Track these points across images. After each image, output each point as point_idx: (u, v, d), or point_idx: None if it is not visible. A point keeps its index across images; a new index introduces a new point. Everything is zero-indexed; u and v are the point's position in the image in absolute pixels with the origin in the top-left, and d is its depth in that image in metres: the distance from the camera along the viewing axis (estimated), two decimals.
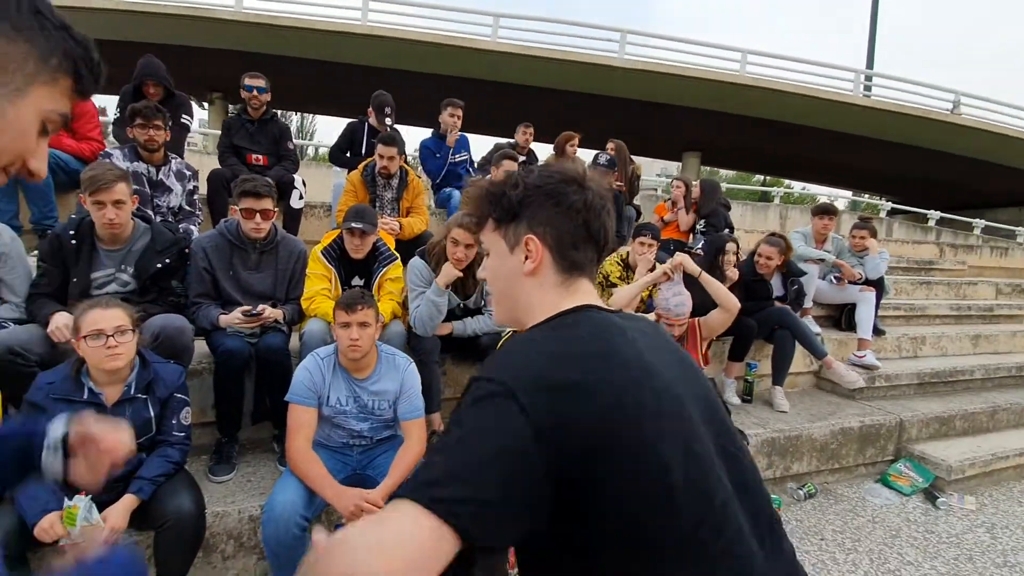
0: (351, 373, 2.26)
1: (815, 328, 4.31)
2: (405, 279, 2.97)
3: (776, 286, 3.99)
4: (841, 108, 15.51)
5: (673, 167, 27.56)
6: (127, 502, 1.83)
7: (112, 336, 1.85)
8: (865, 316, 4.37)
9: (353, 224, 2.74)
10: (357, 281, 2.93)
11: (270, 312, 2.56)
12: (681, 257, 3.21)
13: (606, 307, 0.83)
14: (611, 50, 15.11)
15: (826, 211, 4.74)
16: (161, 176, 3.27)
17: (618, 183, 5.16)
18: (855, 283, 4.52)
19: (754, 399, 3.81)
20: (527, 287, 0.83)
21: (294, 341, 2.73)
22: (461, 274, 2.76)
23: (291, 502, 1.94)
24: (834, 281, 4.59)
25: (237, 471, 2.45)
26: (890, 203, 15.96)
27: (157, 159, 3.25)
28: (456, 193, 4.37)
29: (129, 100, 3.72)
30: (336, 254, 2.88)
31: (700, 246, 4.84)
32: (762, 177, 31.10)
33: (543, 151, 6.26)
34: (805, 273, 4.21)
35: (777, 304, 3.90)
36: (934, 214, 14.92)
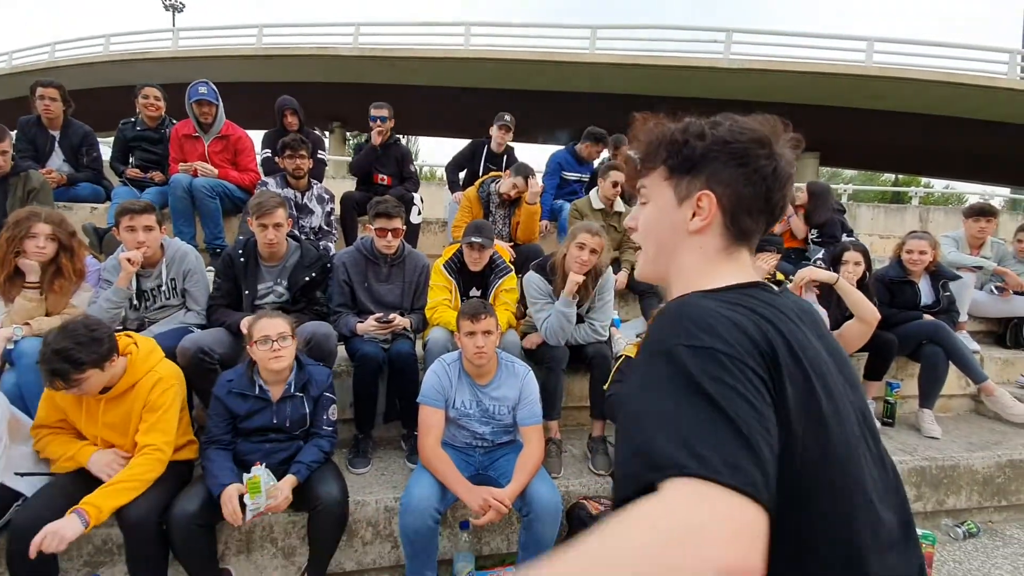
0: (474, 379, 2.40)
1: (973, 345, 3.80)
2: (519, 291, 3.09)
3: (924, 291, 3.57)
4: (993, 94, 13.55)
5: None
6: (290, 480, 2.11)
7: (276, 341, 2.14)
8: None
9: (473, 238, 2.91)
10: (475, 292, 3.09)
11: (399, 320, 2.79)
12: (808, 272, 3.00)
13: (776, 291, 0.76)
14: (716, 51, 14.53)
15: (982, 212, 4.17)
16: (305, 200, 3.70)
17: None
18: (1022, 293, 3.93)
19: (896, 422, 3.43)
20: (686, 246, 0.77)
21: (418, 348, 2.94)
22: (582, 279, 2.81)
23: (426, 496, 2.09)
24: (995, 291, 4.02)
25: (372, 465, 2.68)
26: None
27: (302, 185, 3.69)
28: (566, 206, 4.44)
29: (272, 140, 4.29)
30: (456, 267, 3.06)
31: (819, 256, 4.49)
32: (893, 176, 27.91)
33: None
34: (959, 277, 3.74)
35: (927, 316, 3.48)
36: None
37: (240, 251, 2.80)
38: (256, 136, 4.82)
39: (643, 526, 0.46)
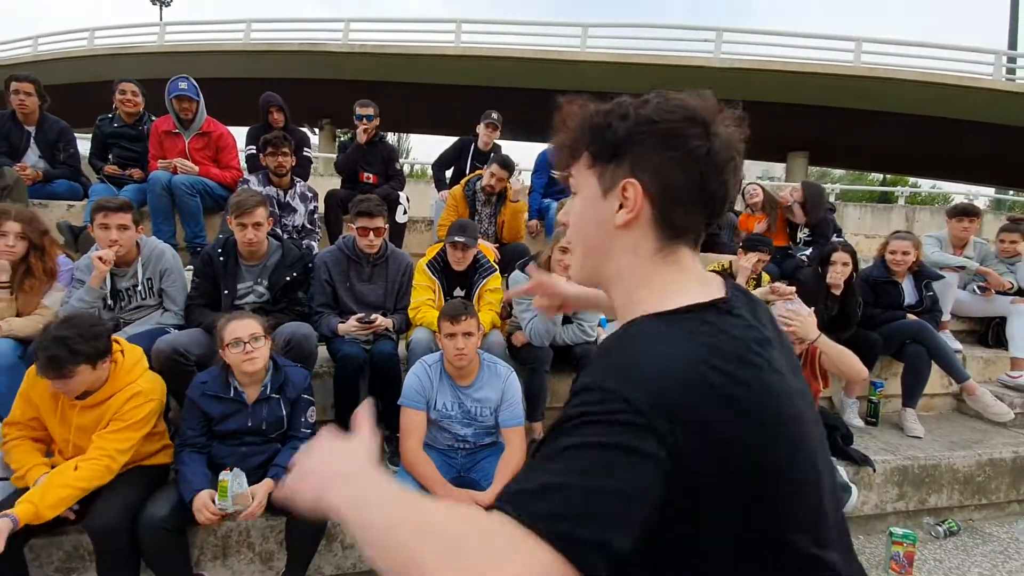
0: (456, 380, 2.37)
1: (955, 345, 3.83)
2: (504, 291, 3.06)
3: (908, 291, 3.59)
4: (978, 94, 13.70)
5: (778, 168, 25.81)
6: (266, 484, 2.07)
7: (248, 343, 2.10)
8: (1020, 331, 3.81)
9: (457, 238, 2.88)
10: (459, 292, 3.06)
11: (381, 320, 2.75)
12: (786, 320, 2.54)
13: (730, 303, 0.65)
14: (706, 51, 14.56)
15: (965, 212, 4.20)
16: (288, 198, 3.65)
17: None
18: (1005, 293, 3.96)
19: (880, 422, 3.45)
20: (617, 245, 0.69)
21: (401, 349, 2.91)
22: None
23: None
24: (978, 291, 4.05)
25: None
26: None
27: (285, 183, 3.64)
28: (555, 204, 4.42)
29: (255, 136, 4.23)
30: (440, 266, 3.03)
31: (808, 253, 4.50)
32: (881, 176, 28.18)
33: None
34: (942, 277, 3.76)
35: (910, 316, 3.50)
36: None
37: (219, 250, 2.75)
38: (242, 133, 4.77)
39: (461, 524, 0.51)
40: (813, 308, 2.69)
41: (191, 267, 2.95)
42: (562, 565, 0.48)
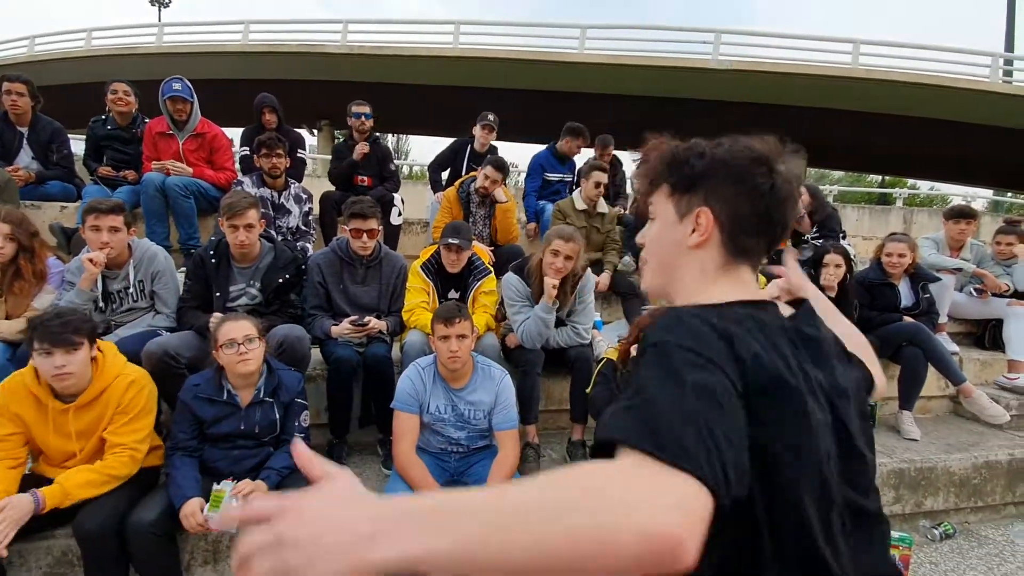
0: (449, 383, 2.35)
1: (951, 347, 3.82)
2: (499, 293, 3.05)
3: (904, 294, 3.59)
4: (976, 97, 13.71)
5: None
6: (259, 487, 2.05)
7: (242, 344, 2.08)
8: (1017, 333, 3.81)
9: (450, 240, 2.86)
10: (453, 294, 3.04)
11: (375, 323, 2.74)
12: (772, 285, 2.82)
13: (777, 307, 0.77)
14: (704, 52, 14.57)
15: (962, 214, 4.19)
16: (282, 200, 3.63)
17: None
18: (1001, 295, 3.95)
19: (877, 424, 3.44)
20: (687, 261, 0.80)
21: (395, 351, 2.90)
22: (557, 282, 2.77)
23: None
24: (974, 293, 4.05)
25: (346, 471, 2.62)
26: None
27: (279, 184, 3.62)
28: (549, 207, 4.40)
29: (249, 137, 4.22)
30: (434, 268, 3.02)
31: (805, 257, 4.48)
32: (879, 177, 28.22)
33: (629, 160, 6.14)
34: (939, 279, 3.76)
35: (907, 317, 3.49)
36: None
37: (211, 252, 2.73)
38: (237, 134, 4.74)
39: (583, 481, 0.48)
40: None
41: (184, 269, 2.94)
42: (685, 478, 0.49)
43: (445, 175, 4.91)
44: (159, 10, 26.73)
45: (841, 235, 4.76)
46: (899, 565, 2.51)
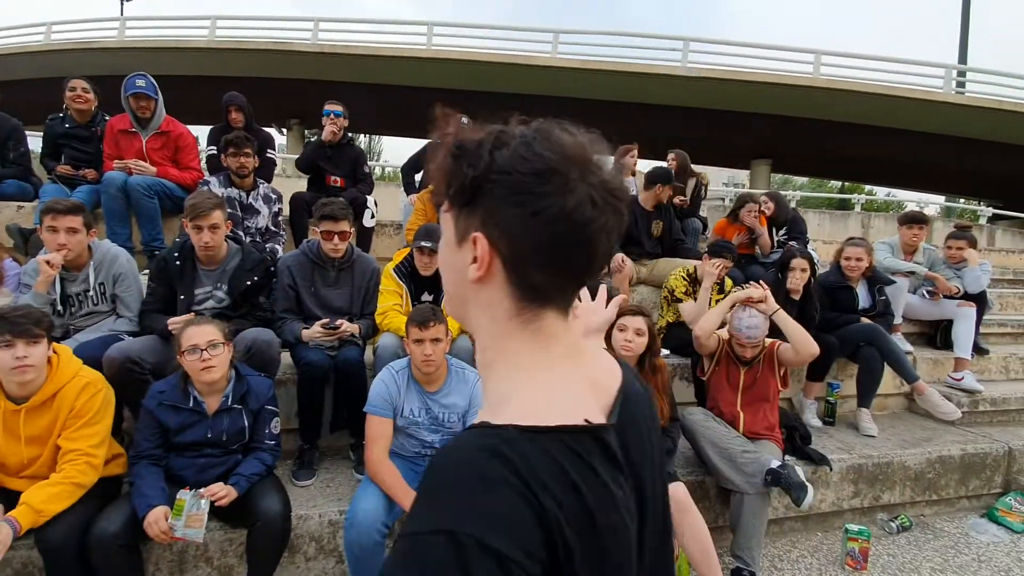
0: (423, 385, 2.35)
1: (906, 347, 3.99)
2: None
3: (862, 296, 3.73)
4: (930, 107, 14.40)
5: (742, 175, 26.51)
6: (229, 493, 2.00)
7: (206, 350, 2.03)
8: (963, 334, 4.01)
9: (423, 243, 2.86)
10: (427, 297, 3.03)
11: (347, 326, 2.70)
12: (759, 293, 2.88)
13: (592, 421, 0.52)
14: (674, 59, 14.89)
15: (915, 219, 4.38)
16: (251, 200, 3.56)
17: (680, 198, 5.02)
18: (952, 297, 4.15)
19: (837, 421, 3.58)
20: (474, 300, 0.59)
21: (368, 354, 2.87)
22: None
23: (372, 509, 2.03)
24: (927, 295, 4.24)
25: (317, 477, 2.59)
26: (991, 209, 14.58)
27: (247, 184, 3.55)
28: None
29: (216, 136, 4.12)
30: (407, 271, 3.00)
31: (774, 260, 4.62)
32: (839, 184, 29.25)
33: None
34: (894, 282, 3.93)
35: (864, 319, 3.64)
36: None
37: (176, 254, 2.66)
38: (204, 132, 4.63)
39: None
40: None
41: (147, 271, 2.85)
42: None
43: (418, 177, 4.88)
44: (121, 3, 25.81)
45: (806, 241, 4.93)
46: (858, 557, 2.62)
